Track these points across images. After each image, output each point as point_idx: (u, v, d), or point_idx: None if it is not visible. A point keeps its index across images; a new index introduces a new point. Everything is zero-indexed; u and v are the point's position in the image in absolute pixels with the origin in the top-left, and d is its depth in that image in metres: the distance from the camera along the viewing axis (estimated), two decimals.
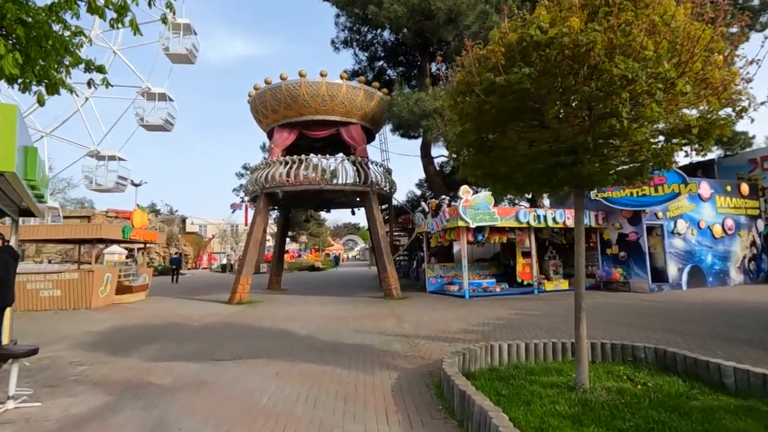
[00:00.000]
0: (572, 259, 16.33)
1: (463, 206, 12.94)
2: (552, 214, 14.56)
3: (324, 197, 16.20)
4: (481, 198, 13.29)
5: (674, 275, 14.68)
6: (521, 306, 11.21)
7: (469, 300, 12.98)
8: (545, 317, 9.24)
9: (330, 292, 16.66)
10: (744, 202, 16.90)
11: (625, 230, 14.96)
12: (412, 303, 12.52)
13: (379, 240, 14.37)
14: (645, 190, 14.26)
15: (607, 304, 11.22)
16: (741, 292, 13.65)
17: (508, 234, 14.45)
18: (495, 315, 9.72)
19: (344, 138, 15.31)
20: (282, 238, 18.56)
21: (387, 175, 15.97)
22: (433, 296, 14.39)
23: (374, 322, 9.25)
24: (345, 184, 14.39)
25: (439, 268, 16.18)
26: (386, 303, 12.67)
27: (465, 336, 7.50)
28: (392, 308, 11.37)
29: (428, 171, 17.62)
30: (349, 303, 12.89)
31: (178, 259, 29.28)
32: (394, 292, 13.76)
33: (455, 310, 10.83)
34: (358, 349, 6.66)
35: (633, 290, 14.34)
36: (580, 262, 4.69)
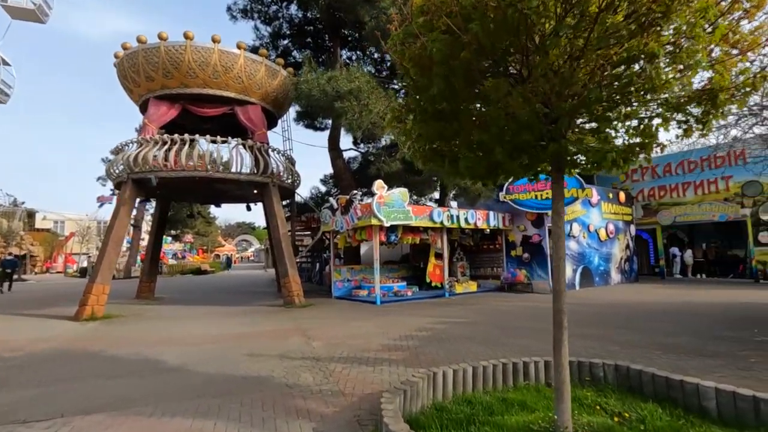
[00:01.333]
0: (478, 261, 16.24)
1: (378, 203, 11.72)
2: (464, 214, 14.17)
3: (214, 188, 13.64)
4: (396, 195, 12.22)
5: (569, 276, 15.38)
6: (440, 312, 10.34)
7: (382, 306, 11.78)
8: (472, 326, 8.40)
9: (219, 301, 14.11)
10: (621, 208, 18.68)
11: (529, 232, 15.26)
12: (319, 312, 10.88)
13: (279, 239, 12.41)
14: (548, 194, 14.65)
15: (522, 308, 10.95)
16: (626, 291, 14.76)
17: (421, 234, 13.65)
18: (416, 325, 8.61)
19: (240, 119, 13.02)
20: (158, 236, 15.35)
21: (290, 165, 14.06)
22: (340, 302, 12.89)
23: (275, 341, 7.43)
24: (240, 173, 12.14)
25: (347, 271, 14.76)
26: (288, 313, 10.82)
27: (390, 355, 6.16)
28: (296, 320, 9.60)
29: (336, 165, 16.12)
30: (242, 315, 10.73)
31: (13, 261, 23.22)
32: (297, 299, 11.95)
33: (370, 319, 9.50)
34: (254, 386, 4.87)
35: (535, 291, 14.63)
36: (559, 266, 3.65)
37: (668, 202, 20.18)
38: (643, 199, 21.00)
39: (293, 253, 12.84)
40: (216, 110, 12.94)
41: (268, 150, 13.12)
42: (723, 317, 8.83)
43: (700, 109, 3.15)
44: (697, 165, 19.29)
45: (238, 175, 12.05)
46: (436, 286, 15.11)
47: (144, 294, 15.24)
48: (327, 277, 16.02)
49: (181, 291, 18.91)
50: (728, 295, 12.81)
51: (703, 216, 18.91)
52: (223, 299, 14.72)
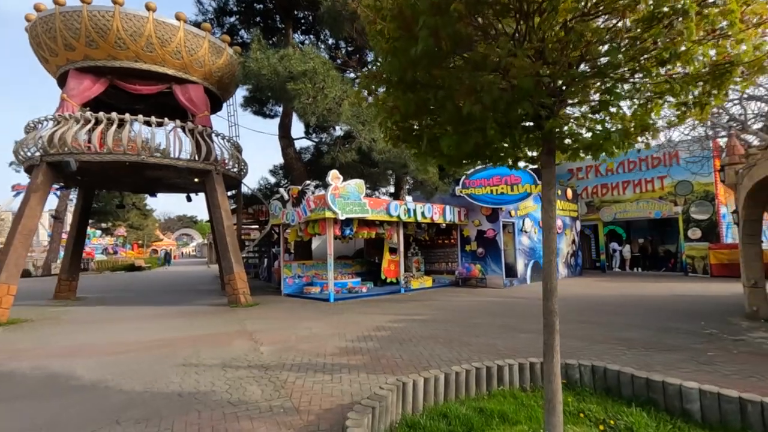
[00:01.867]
0: (433, 256, 16.02)
1: (332, 194, 11.02)
2: (421, 208, 13.83)
3: (147, 176, 12.24)
4: (352, 186, 11.58)
5: (521, 270, 15.60)
6: (397, 310, 9.88)
7: (335, 304, 11.13)
8: (433, 324, 7.99)
9: (153, 301, 12.73)
10: (568, 205, 19.31)
11: (483, 227, 15.24)
12: (267, 311, 10.02)
13: (223, 233, 11.35)
14: (502, 189, 14.70)
15: (479, 303, 10.76)
16: (574, 284, 15.18)
17: (377, 228, 13.13)
18: (374, 324, 8.07)
19: (180, 99, 11.74)
20: (80, 228, 13.57)
21: (236, 153, 12.95)
22: (291, 300, 12.07)
23: (217, 346, 6.57)
24: (178, 159, 10.92)
25: (298, 266, 13.92)
26: (233, 313, 9.86)
27: (348, 360, 5.57)
28: (242, 321, 8.71)
29: (287, 154, 15.14)
30: (179, 316, 9.63)
31: None
32: (243, 297, 10.98)
33: (323, 319, 8.82)
34: (190, 405, 4.08)
35: (489, 286, 14.65)
36: (551, 260, 3.24)
37: (609, 200, 21.19)
38: (586, 197, 21.92)
39: (239, 247, 11.82)
40: (151, 88, 11.57)
41: (212, 134, 11.96)
42: (669, 310, 9.11)
43: (698, 90, 2.84)
44: (636, 165, 20.38)
45: (175, 160, 10.82)
46: (391, 282, 14.70)
47: (63, 294, 13.46)
48: (276, 273, 15.07)
49: (109, 290, 17.04)
50: (665, 287, 13.51)
51: (640, 213, 20.04)
52: (158, 299, 13.32)
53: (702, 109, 2.92)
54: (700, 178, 17.86)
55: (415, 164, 11.93)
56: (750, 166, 7.43)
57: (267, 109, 18.97)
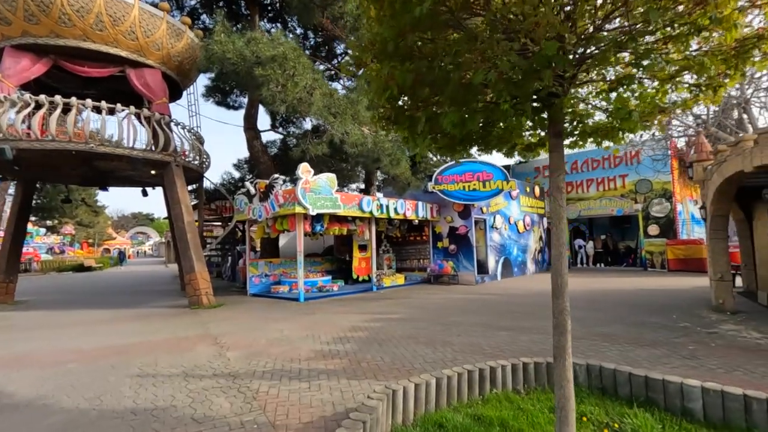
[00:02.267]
0: (404, 253, 15.76)
1: (303, 188, 10.48)
2: (394, 204, 13.50)
3: (98, 167, 11.19)
4: (324, 181, 11.08)
5: (492, 267, 15.62)
6: (372, 308, 9.49)
7: (306, 303, 10.61)
8: (411, 323, 7.67)
9: (106, 303, 11.69)
10: (536, 202, 19.60)
11: (455, 224, 15.12)
12: (233, 313, 9.37)
13: (183, 229, 10.54)
14: (475, 185, 14.63)
15: (454, 301, 10.56)
16: (543, 280, 15.34)
17: (348, 225, 12.68)
18: (349, 324, 7.65)
19: (134, 84, 10.79)
20: (18, 225, 12.25)
21: (198, 144, 12.11)
22: (258, 300, 11.41)
23: (177, 353, 5.94)
24: (133, 149, 10.01)
25: (265, 265, 13.24)
26: (195, 315, 9.13)
27: (326, 365, 5.13)
28: (204, 323, 8.04)
29: (253, 147, 14.37)
30: (134, 320, 8.80)
31: None
32: (205, 298, 10.24)
33: (294, 319, 8.30)
34: (145, 425, 3.53)
35: (461, 282, 14.55)
36: (561, 253, 2.96)
37: (574, 197, 21.73)
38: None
39: (201, 245, 11.03)
40: (101, 71, 10.55)
41: (170, 123, 11.09)
42: (639, 304, 9.25)
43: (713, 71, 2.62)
44: (599, 163, 21.00)
45: (130, 150, 9.91)
46: (362, 280, 14.30)
47: (1, 297, 12.12)
48: (241, 272, 14.31)
49: (55, 292, 15.62)
50: (629, 282, 13.89)
51: (603, 210, 20.67)
52: (110, 301, 12.27)
53: (715, 92, 2.73)
54: (660, 176, 18.63)
55: (389, 158, 11.58)
56: (720, 162, 7.59)
57: (231, 100, 18.02)
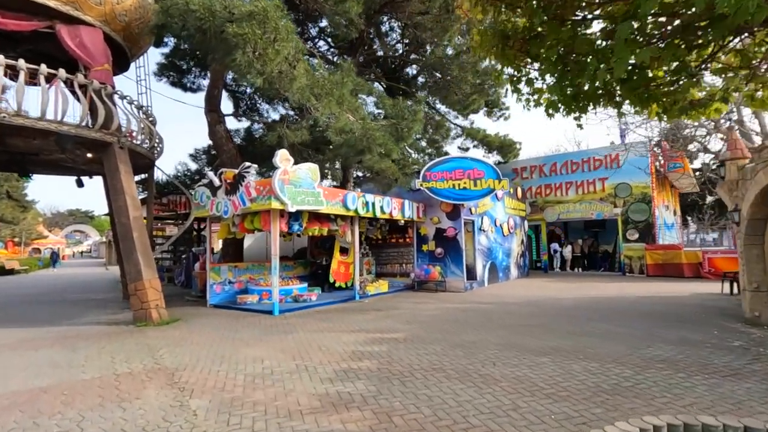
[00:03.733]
0: (385, 256, 14.31)
1: (281, 180, 8.76)
2: (380, 202, 12.00)
3: (14, 147, 8.86)
4: (305, 172, 9.40)
5: (480, 272, 14.52)
6: (363, 324, 7.94)
7: (282, 317, 8.88)
8: (422, 346, 6.22)
9: (21, 318, 9.33)
10: (518, 204, 18.82)
11: (443, 225, 13.87)
12: (192, 331, 7.48)
13: (128, 226, 8.48)
14: (465, 183, 13.45)
15: (454, 311, 9.23)
16: (528, 286, 14.41)
17: (329, 224, 11.04)
18: (345, 348, 6.08)
19: (67, 45, 8.62)
20: None
21: (149, 124, 10.03)
22: (221, 313, 9.51)
23: (114, 402, 4.13)
24: (62, 123, 7.86)
25: (229, 270, 11.30)
26: (141, 336, 7.17)
27: (344, 421, 3.57)
28: (155, 349, 6.16)
29: (215, 133, 12.35)
30: (58, 344, 6.73)
31: None
32: (155, 312, 8.26)
33: (273, 342, 6.60)
34: None
35: (449, 289, 13.30)
36: None
37: (552, 200, 21.22)
38: (531, 197, 21.78)
39: (150, 246, 8.99)
40: (22, 23, 8.31)
41: (113, 95, 8.99)
42: (655, 315, 8.33)
43: None
44: (578, 166, 20.61)
45: (57, 125, 7.75)
46: (340, 287, 12.73)
47: None
48: (198, 278, 12.24)
49: None
50: (615, 287, 13.28)
51: (583, 214, 20.26)
52: (28, 314, 9.87)
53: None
54: (639, 180, 18.43)
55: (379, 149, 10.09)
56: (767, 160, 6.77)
57: (189, 80, 15.84)
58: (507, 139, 19.68)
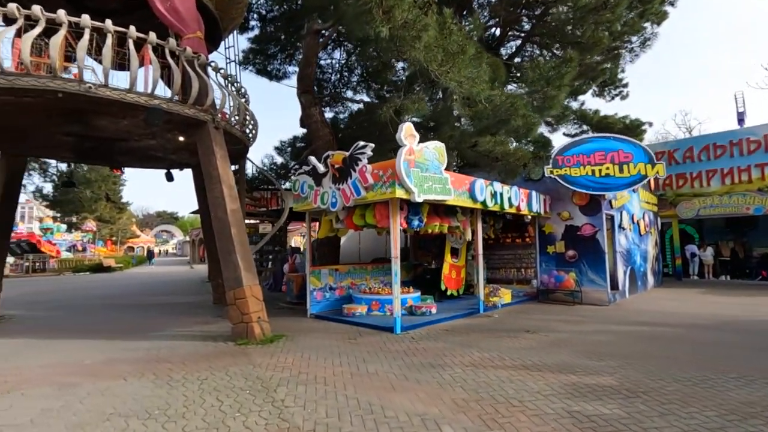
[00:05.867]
0: (497, 259, 11.69)
1: (407, 161, 6.83)
2: (508, 192, 9.72)
3: (100, 130, 7.78)
4: (431, 152, 7.41)
5: (621, 280, 11.68)
6: (529, 356, 5.73)
7: (406, 336, 6.94)
8: (665, 405, 3.89)
9: (106, 326, 8.32)
10: (651, 197, 15.54)
11: (575, 221, 11.23)
12: (307, 360, 5.75)
13: (226, 222, 7.02)
14: (608, 169, 10.72)
15: (625, 336, 6.69)
16: (678, 298, 11.28)
17: (450, 219, 8.96)
18: (550, 405, 3.92)
19: (157, 9, 7.37)
20: (3, 209, 9.00)
21: (242, 102, 8.61)
22: (329, 328, 7.80)
23: None
24: (152, 96, 6.54)
25: (329, 274, 9.64)
26: (245, 362, 5.56)
27: None
28: (270, 391, 4.45)
29: (310, 116, 10.84)
30: (141, 371, 5.30)
31: None
32: (257, 327, 6.68)
33: (430, 387, 4.61)
34: None
35: (586, 301, 10.65)
36: None
37: (687, 193, 17.44)
38: (657, 189, 18.14)
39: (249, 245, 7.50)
40: None
41: (206, 66, 7.62)
42: None
43: None
44: (725, 150, 16.71)
45: (147, 98, 6.44)
46: (452, 295, 10.64)
47: None
48: (294, 282, 10.73)
49: (55, 301, 12.44)
50: None
51: (734, 209, 16.34)
52: (114, 321, 8.91)
53: None
54: None
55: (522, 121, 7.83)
56: None
57: (274, 67, 14.70)
58: (633, 121, 16.30)
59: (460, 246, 10.96)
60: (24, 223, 49.30)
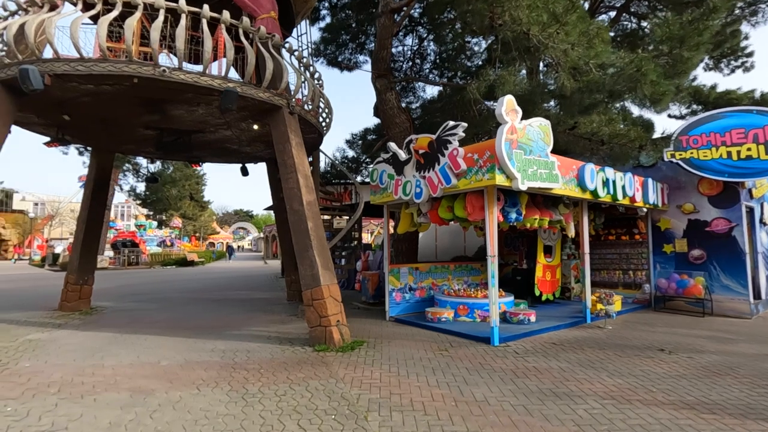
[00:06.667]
0: (597, 259, 9.80)
1: (509, 141, 5.72)
2: (621, 180, 8.17)
3: (173, 119, 7.56)
4: (536, 131, 6.21)
5: (764, 287, 9.51)
6: (671, 382, 4.38)
7: (507, 349, 5.84)
8: None
9: (186, 322, 8.16)
10: None
11: (702, 215, 9.30)
12: (396, 376, 4.92)
13: (302, 215, 6.41)
14: (750, 150, 8.66)
15: None
16: None
17: (551, 212, 7.65)
18: None
19: None
20: (93, 210, 9.29)
21: (317, 86, 7.99)
22: (413, 334, 6.93)
23: None
24: (226, 79, 6.08)
25: (409, 273, 8.77)
26: (326, 375, 4.84)
27: None
28: (358, 416, 3.65)
29: (386, 102, 10.06)
30: (222, 378, 4.78)
31: None
32: (336, 332, 5.98)
33: (555, 422, 3.54)
34: None
35: (719, 312, 8.73)
36: None
37: None
38: None
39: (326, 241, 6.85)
40: None
41: (281, 47, 7.07)
42: None
43: None
44: None
45: (221, 80, 5.98)
46: (547, 299, 9.27)
47: (71, 303, 9.30)
48: (370, 282, 10.03)
49: (143, 294, 12.94)
50: None
51: None
52: (193, 317, 8.78)
53: None
54: None
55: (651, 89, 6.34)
56: None
57: (344, 57, 14.16)
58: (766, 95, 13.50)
59: (553, 243, 9.57)
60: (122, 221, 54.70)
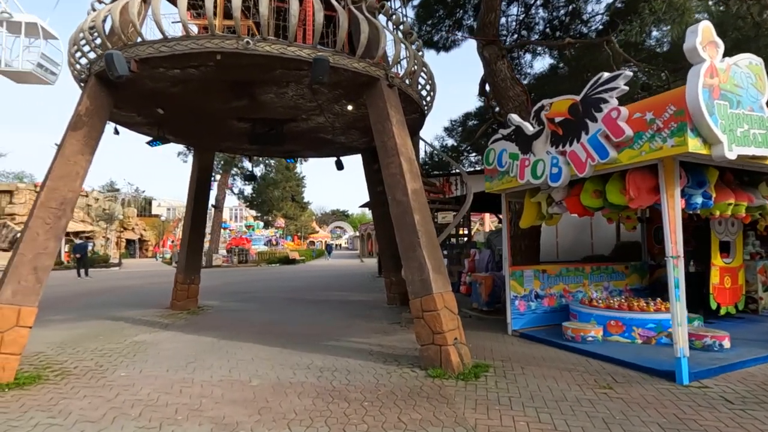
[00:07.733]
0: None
1: (707, 88, 3.88)
2: None
3: (269, 108, 6.95)
4: (744, 72, 4.24)
5: None
6: None
7: (702, 390, 4.01)
8: None
9: (284, 327, 7.58)
10: None
11: None
12: (543, 421, 3.50)
13: (407, 206, 5.25)
14: None
15: None
16: None
17: (751, 195, 5.46)
18: None
19: None
20: (197, 209, 9.30)
21: (418, 56, 6.78)
22: (549, 357, 5.36)
23: None
24: (316, 48, 5.18)
25: (534, 276, 7.12)
26: (446, 412, 3.60)
27: None
28: None
29: (496, 73, 8.49)
30: (317, 410, 3.83)
31: (83, 245, 19.93)
32: (454, 354, 4.70)
33: None
34: None
35: None
36: None
37: None
38: None
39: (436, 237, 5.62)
40: None
41: (376, 13, 6.01)
42: None
43: None
44: None
45: (310, 50, 5.09)
46: (728, 313, 6.91)
47: (180, 302, 9.44)
48: (483, 286, 8.56)
49: (248, 293, 13.08)
50: None
51: None
52: (293, 319, 8.23)
53: None
54: None
55: None
56: None
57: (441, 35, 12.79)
58: None
59: (732, 238, 7.15)
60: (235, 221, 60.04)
